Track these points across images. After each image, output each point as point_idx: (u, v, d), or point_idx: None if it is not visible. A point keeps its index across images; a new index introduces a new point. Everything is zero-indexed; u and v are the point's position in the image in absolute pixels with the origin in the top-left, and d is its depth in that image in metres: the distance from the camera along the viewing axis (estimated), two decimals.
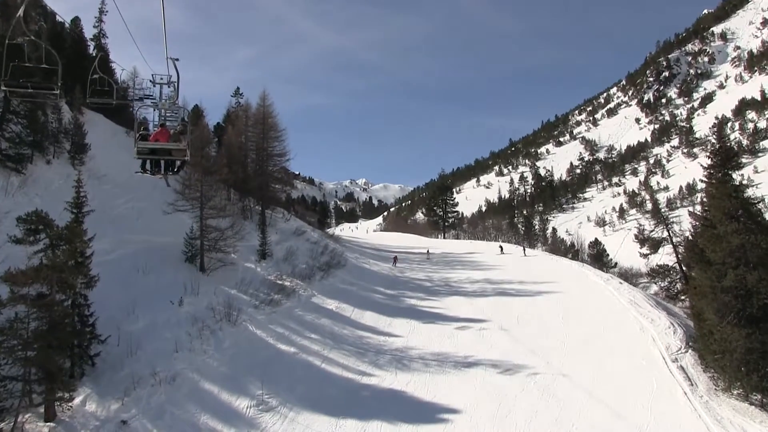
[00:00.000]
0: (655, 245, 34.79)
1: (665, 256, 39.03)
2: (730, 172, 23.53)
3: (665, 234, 35.86)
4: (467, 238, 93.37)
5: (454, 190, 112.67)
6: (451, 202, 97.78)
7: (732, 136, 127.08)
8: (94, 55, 51.72)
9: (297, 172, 76.33)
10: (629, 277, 49.88)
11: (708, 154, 24.96)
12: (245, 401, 22.17)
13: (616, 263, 57.88)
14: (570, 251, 65.72)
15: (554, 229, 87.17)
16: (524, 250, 59.10)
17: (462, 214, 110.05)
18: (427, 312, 35.20)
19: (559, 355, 26.99)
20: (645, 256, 37.16)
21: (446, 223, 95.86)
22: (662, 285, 35.93)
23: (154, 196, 38.09)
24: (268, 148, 51.93)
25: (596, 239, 64.65)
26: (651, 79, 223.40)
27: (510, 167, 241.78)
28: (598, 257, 57.44)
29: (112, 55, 48.92)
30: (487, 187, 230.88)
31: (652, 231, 36.53)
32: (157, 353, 23.87)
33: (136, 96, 16.15)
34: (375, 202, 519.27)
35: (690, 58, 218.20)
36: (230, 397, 22.30)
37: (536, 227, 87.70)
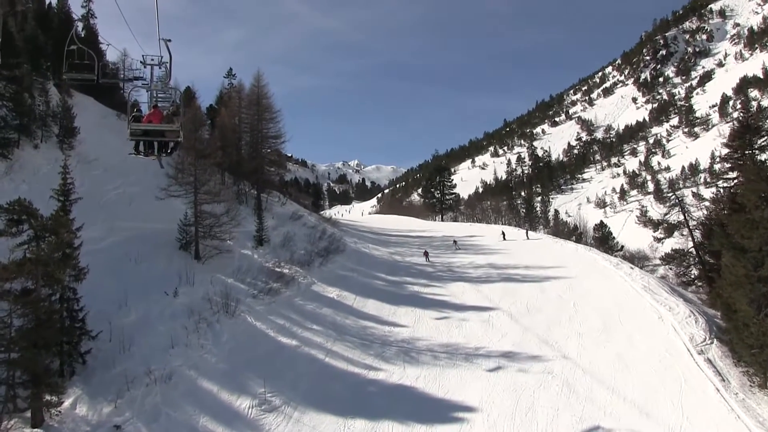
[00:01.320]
0: (669, 229, 33.43)
1: (673, 240, 37.93)
2: (757, 152, 22.15)
3: (680, 217, 34.41)
4: (465, 221, 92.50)
5: (451, 171, 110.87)
6: (449, 183, 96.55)
7: (734, 115, 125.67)
8: (82, 35, 50.08)
9: (290, 154, 76.09)
10: (636, 260, 48.90)
11: (732, 130, 23.46)
12: (246, 400, 20.96)
13: (622, 246, 56.85)
14: (573, 234, 64.54)
15: (556, 212, 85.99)
16: (527, 233, 57.93)
17: (459, 195, 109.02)
18: (431, 299, 34.26)
19: (574, 345, 25.89)
20: (659, 240, 35.89)
21: (444, 206, 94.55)
22: (677, 270, 34.67)
23: (147, 181, 37.06)
24: (263, 130, 50.99)
25: (601, 222, 63.45)
26: (647, 57, 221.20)
27: (506, 148, 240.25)
28: (604, 240, 56.34)
29: (100, 36, 47.28)
30: (483, 168, 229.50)
31: (666, 214, 35.03)
32: (152, 349, 22.62)
33: (126, 77, 17.25)
34: (368, 183, 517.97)
35: (687, 36, 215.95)
36: (230, 397, 21.10)
37: (537, 209, 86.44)
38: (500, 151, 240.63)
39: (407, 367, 24.57)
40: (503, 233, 56.21)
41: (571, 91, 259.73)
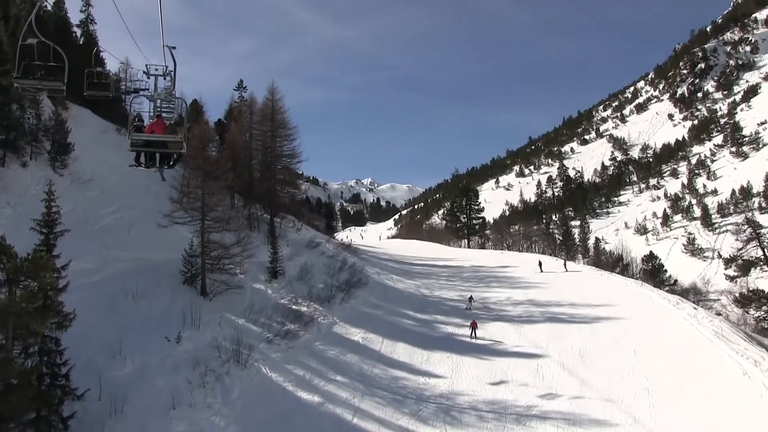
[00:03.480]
0: (745, 266, 30.72)
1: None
2: None
3: (759, 253, 31.64)
4: (494, 247, 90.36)
5: (479, 193, 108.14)
6: (476, 206, 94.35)
7: None
8: (80, 42, 48.97)
9: (300, 172, 75.02)
10: (691, 296, 46.19)
11: None
12: None
13: (675, 280, 54.03)
14: (617, 265, 61.79)
15: (597, 239, 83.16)
16: (565, 264, 55.55)
17: (485, 219, 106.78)
18: (468, 343, 32.16)
19: (644, 406, 23.22)
20: (732, 279, 33.12)
21: (470, 230, 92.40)
22: (756, 315, 31.89)
23: (148, 205, 35.81)
24: (278, 148, 49.66)
25: (651, 252, 60.58)
26: (684, 71, 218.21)
27: (531, 168, 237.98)
28: (654, 273, 53.51)
29: (100, 44, 46.31)
30: (508, 189, 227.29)
31: (741, 250, 32.32)
32: (149, 410, 20.21)
33: (129, 89, 16.11)
34: (383, 203, 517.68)
35: (729, 48, 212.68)
36: None
37: (575, 236, 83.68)
38: (526, 171, 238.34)
39: (449, 430, 22.04)
40: (540, 263, 54.15)
41: (601, 107, 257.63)
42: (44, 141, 35.84)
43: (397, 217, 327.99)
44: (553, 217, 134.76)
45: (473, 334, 32.33)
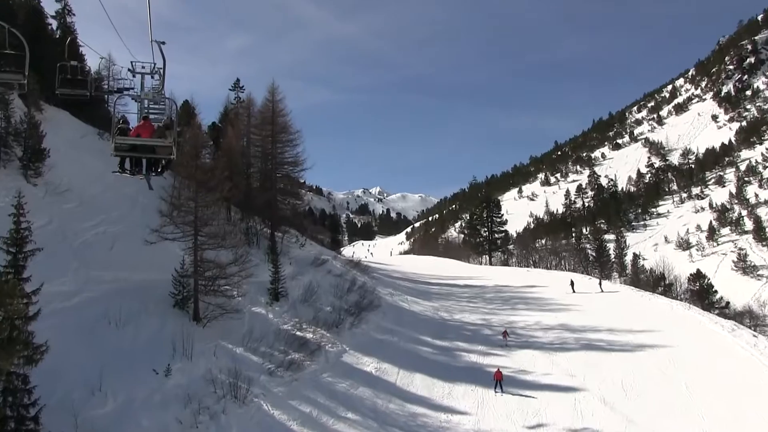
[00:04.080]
0: None
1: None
2: None
3: None
4: (518, 264, 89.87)
5: (501, 204, 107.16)
6: (498, 219, 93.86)
7: None
8: (56, 35, 48.75)
9: (303, 180, 73.90)
10: (746, 320, 45.23)
11: None
12: None
13: (727, 303, 53.04)
14: (659, 285, 60.85)
15: (635, 255, 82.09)
16: (600, 283, 54.94)
17: (508, 233, 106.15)
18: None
19: None
20: None
21: (493, 245, 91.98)
22: None
23: (133, 219, 35.35)
24: (279, 155, 49.65)
25: (698, 271, 59.59)
26: (731, 67, 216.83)
27: (558, 175, 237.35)
28: (702, 294, 52.55)
29: (80, 38, 46.21)
30: (532, 199, 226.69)
31: None
32: None
33: (112, 88, 18.24)
34: (393, 215, 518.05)
35: None
36: None
37: (610, 252, 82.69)
38: (552, 179, 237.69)
39: None
40: (572, 283, 53.65)
41: (635, 108, 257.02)
42: (15, 146, 35.00)
43: (409, 230, 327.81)
44: (584, 231, 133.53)
45: (498, 388, 29.04)
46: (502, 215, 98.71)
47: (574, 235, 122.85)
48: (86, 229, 33.08)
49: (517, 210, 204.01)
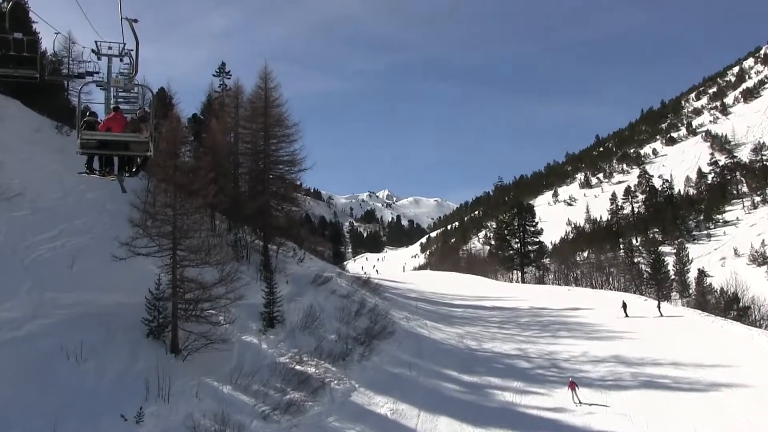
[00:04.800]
0: None
1: None
2: None
3: None
4: (556, 281, 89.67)
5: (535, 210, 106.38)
6: (533, 228, 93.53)
7: None
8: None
9: (299, 182, 73.16)
10: None
11: None
12: None
13: None
14: (731, 308, 60.06)
15: (701, 272, 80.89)
16: (659, 306, 54.39)
17: (542, 245, 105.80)
18: (535, 417, 30.84)
19: None
20: None
21: (526, 259, 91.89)
22: None
23: (99, 230, 35.01)
24: (273, 153, 49.62)
25: None
26: None
27: (601, 175, 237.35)
28: None
29: (32, 10, 45.83)
30: (570, 204, 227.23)
31: None
32: None
33: (73, 72, 16.51)
34: (404, 222, 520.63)
35: None
36: None
37: (668, 267, 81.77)
38: (593, 180, 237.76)
39: None
40: (624, 305, 53.30)
41: (692, 96, 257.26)
42: None
43: (424, 240, 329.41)
44: (634, 241, 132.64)
45: (575, 398, 31.37)
46: (537, 223, 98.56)
47: (622, 246, 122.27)
48: (41, 242, 32.65)
49: (553, 217, 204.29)
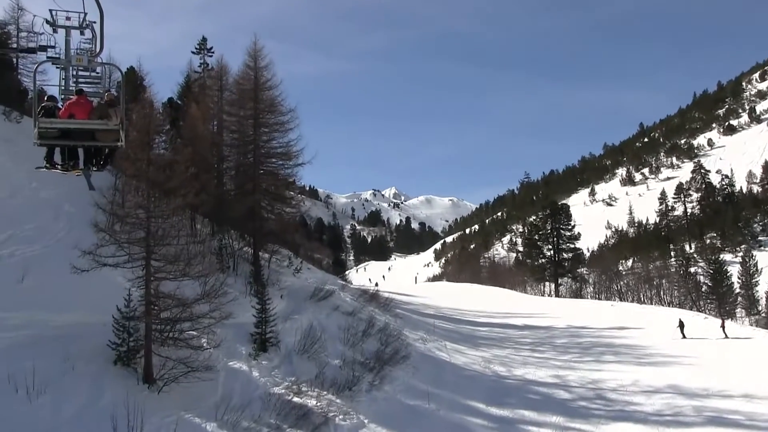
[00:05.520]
0: None
1: None
2: None
3: None
4: (596, 294, 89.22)
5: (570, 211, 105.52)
6: (569, 232, 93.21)
7: None
8: None
9: (294, 179, 72.27)
10: None
11: None
12: None
13: None
14: None
15: None
16: (723, 325, 54.21)
17: (579, 252, 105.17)
18: None
19: None
20: None
21: (561, 268, 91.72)
22: None
23: (56, 235, 34.70)
24: (265, 144, 49.38)
25: None
26: None
27: (646, 171, 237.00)
28: None
29: None
30: (610, 204, 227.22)
31: None
32: None
33: (22, 46, 18.85)
34: (414, 225, 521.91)
35: None
36: None
37: (732, 278, 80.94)
38: (637, 176, 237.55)
39: None
40: (681, 325, 53.08)
41: (755, 76, 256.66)
42: None
43: (438, 246, 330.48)
44: (688, 248, 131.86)
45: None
46: (573, 226, 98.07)
47: (673, 254, 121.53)
48: None
49: (590, 219, 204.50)
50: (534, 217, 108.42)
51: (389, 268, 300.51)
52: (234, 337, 35.46)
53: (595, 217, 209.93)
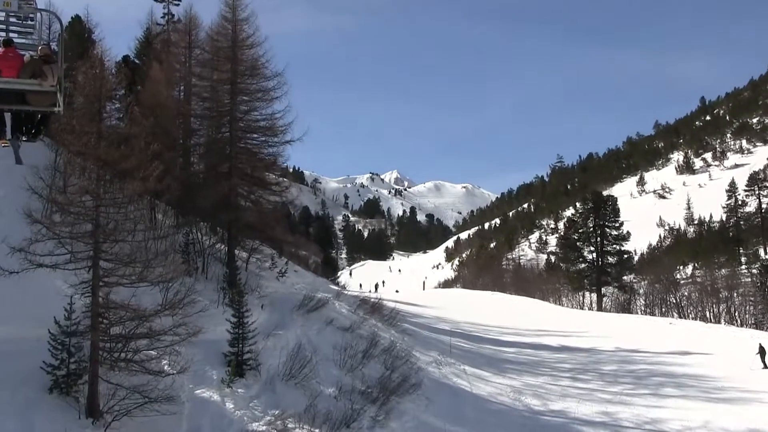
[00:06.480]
0: None
1: None
2: None
3: None
4: (648, 309, 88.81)
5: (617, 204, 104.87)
6: (616, 231, 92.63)
7: None
8: None
9: (281, 160, 72.00)
10: None
11: None
12: None
13: None
14: None
15: None
16: None
17: (628, 255, 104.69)
18: None
19: None
20: None
21: (606, 275, 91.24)
22: None
23: None
24: (245, 117, 48.67)
25: None
26: None
27: (709, 155, 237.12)
28: None
29: None
30: (663, 196, 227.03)
31: None
32: None
33: None
34: (421, 217, 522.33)
35: None
36: None
37: None
38: (697, 163, 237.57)
39: None
40: (762, 351, 52.82)
41: None
42: None
43: (450, 244, 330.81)
44: (763, 253, 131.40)
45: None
46: (621, 224, 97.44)
47: (744, 260, 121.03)
48: None
49: (638, 213, 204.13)
50: (572, 211, 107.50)
51: (390, 269, 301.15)
52: (203, 357, 34.73)
53: (644, 212, 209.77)
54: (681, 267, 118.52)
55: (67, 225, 30.08)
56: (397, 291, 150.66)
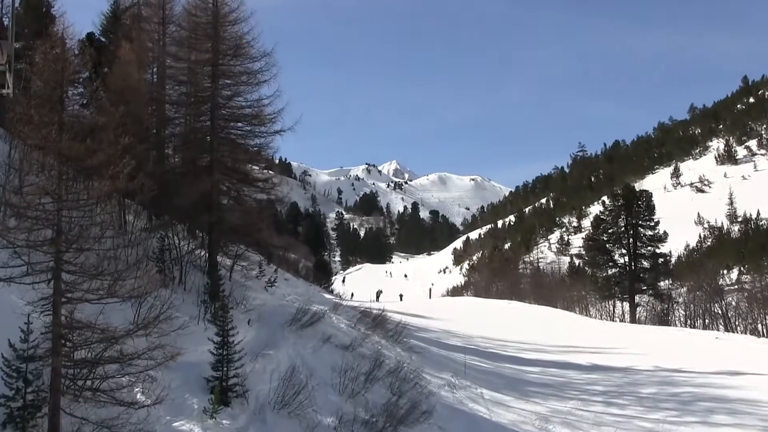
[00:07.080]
0: None
1: None
2: None
3: None
4: (688, 320, 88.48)
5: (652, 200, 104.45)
6: (651, 231, 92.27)
7: None
8: None
9: (264, 150, 71.22)
10: None
11: None
12: None
13: None
14: None
15: None
16: None
17: (664, 258, 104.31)
18: None
19: None
20: None
21: (641, 282, 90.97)
22: None
23: None
24: (228, 104, 48.00)
25: None
26: None
27: (753, 144, 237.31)
28: None
29: None
30: (701, 190, 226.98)
31: None
32: None
33: None
34: (424, 214, 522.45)
35: None
36: None
37: None
38: (740, 152, 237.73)
39: None
40: None
41: None
42: None
43: (458, 244, 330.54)
44: None
45: None
46: (656, 223, 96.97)
47: None
48: None
49: (673, 209, 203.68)
50: (597, 208, 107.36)
51: (391, 274, 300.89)
52: (182, 383, 33.73)
53: (680, 207, 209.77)
54: (725, 272, 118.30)
55: (23, 231, 29.40)
56: (401, 296, 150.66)
